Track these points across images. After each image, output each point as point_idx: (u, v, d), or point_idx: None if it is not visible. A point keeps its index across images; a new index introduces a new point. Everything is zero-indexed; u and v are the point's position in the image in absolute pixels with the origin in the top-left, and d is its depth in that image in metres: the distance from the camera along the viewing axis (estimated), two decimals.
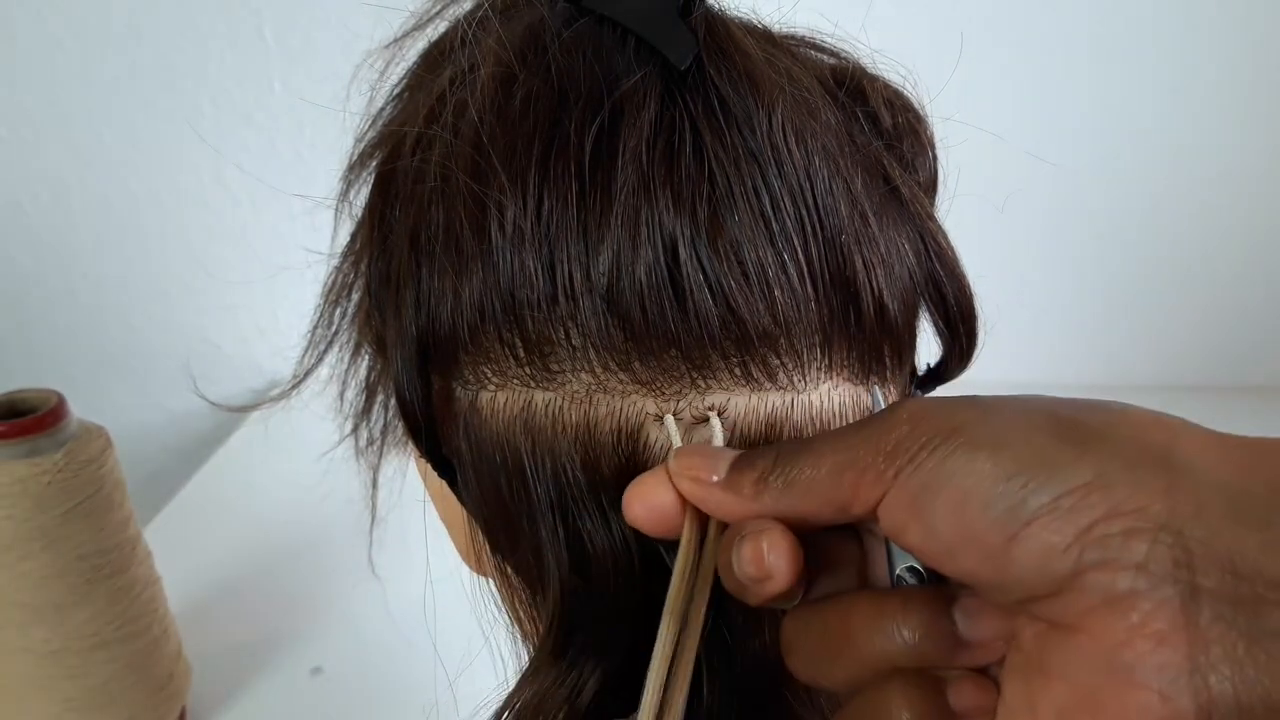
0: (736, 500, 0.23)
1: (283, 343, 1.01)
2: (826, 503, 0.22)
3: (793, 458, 0.22)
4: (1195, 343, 1.06)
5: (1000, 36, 0.89)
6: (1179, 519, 0.17)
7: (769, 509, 0.23)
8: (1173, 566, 0.17)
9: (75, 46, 0.87)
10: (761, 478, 0.23)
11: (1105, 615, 0.18)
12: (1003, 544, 0.19)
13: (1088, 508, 0.18)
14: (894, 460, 0.20)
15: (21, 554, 0.49)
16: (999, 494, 0.19)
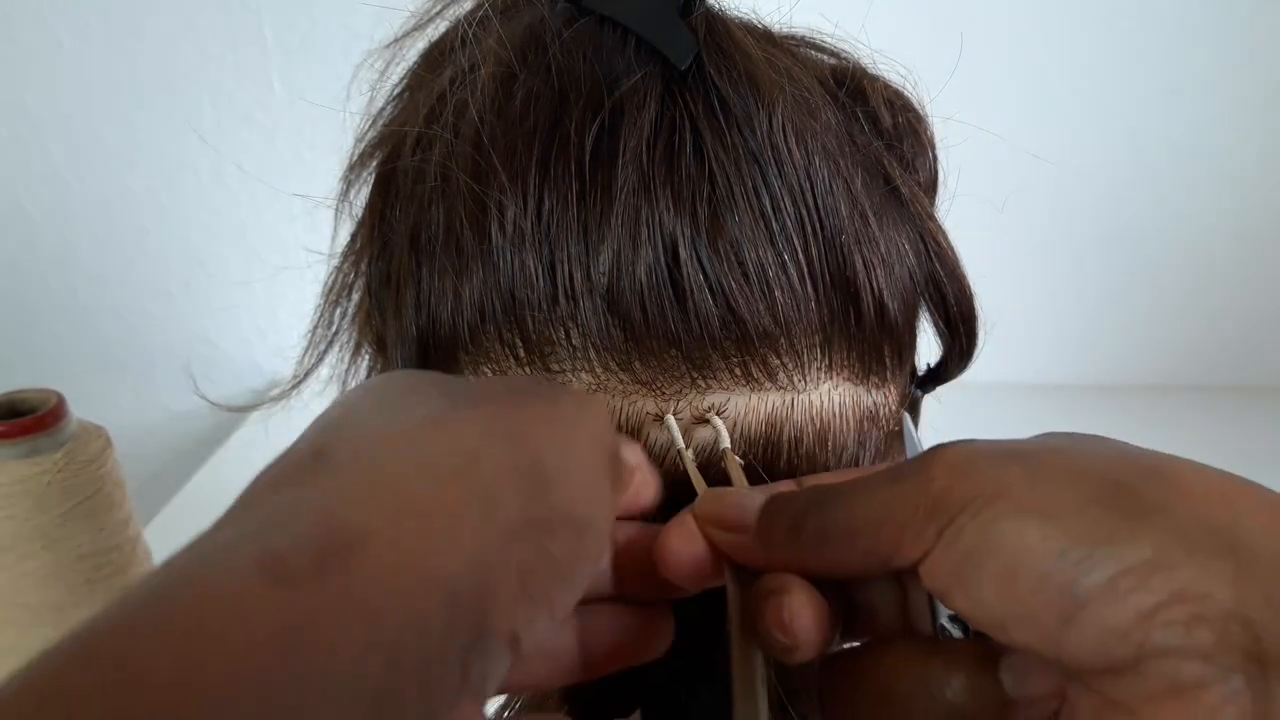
0: (771, 551, 0.22)
1: (283, 343, 1.01)
2: (865, 556, 0.20)
3: (825, 506, 0.21)
4: (1195, 343, 1.06)
5: (1000, 36, 0.89)
6: (1248, 607, 0.16)
7: (805, 562, 0.21)
8: (1243, 658, 0.16)
9: (75, 46, 0.87)
10: (794, 527, 0.21)
11: (1170, 704, 0.17)
12: (1057, 624, 0.17)
13: (1148, 590, 0.17)
14: (934, 519, 0.19)
15: (21, 554, 0.49)
16: (1051, 571, 0.17)
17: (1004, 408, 0.98)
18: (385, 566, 0.15)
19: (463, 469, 0.17)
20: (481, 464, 0.17)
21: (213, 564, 0.14)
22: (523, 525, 0.17)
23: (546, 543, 0.17)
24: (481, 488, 0.17)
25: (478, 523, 0.16)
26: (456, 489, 0.16)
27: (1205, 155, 0.96)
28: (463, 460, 0.17)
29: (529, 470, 0.18)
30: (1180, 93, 0.93)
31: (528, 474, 0.18)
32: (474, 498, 0.16)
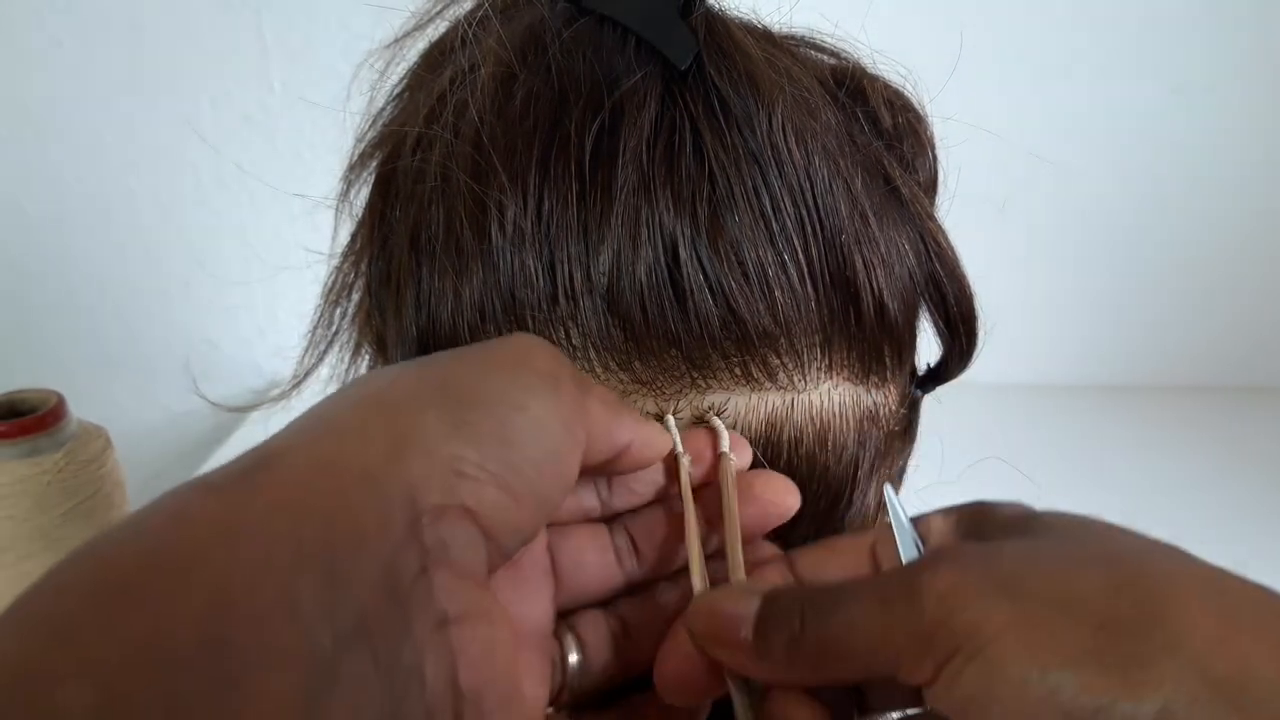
0: (771, 667, 0.21)
1: (283, 343, 1.01)
2: (866, 672, 0.20)
3: (823, 619, 0.21)
4: (1195, 343, 1.06)
5: (1000, 36, 0.89)
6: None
7: (806, 676, 0.21)
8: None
9: (75, 46, 0.87)
10: (793, 641, 0.21)
11: None
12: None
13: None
14: (929, 653, 0.18)
15: (21, 554, 0.49)
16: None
17: (1004, 408, 0.98)
18: (300, 467, 0.17)
19: (375, 395, 0.20)
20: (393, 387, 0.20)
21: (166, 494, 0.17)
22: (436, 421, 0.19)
23: (467, 430, 0.19)
24: (391, 403, 0.19)
25: (384, 428, 0.18)
26: (367, 408, 0.19)
27: (1206, 155, 0.96)
28: (376, 389, 0.20)
29: (443, 382, 0.20)
30: (1181, 92, 0.93)
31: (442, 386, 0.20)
32: (379, 414, 0.19)
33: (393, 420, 0.19)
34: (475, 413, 0.19)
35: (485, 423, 0.19)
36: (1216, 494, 0.86)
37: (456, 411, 0.19)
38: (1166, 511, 0.84)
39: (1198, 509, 0.84)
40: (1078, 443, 0.96)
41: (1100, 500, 0.92)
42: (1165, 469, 0.90)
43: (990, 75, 0.89)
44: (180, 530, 0.16)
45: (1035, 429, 0.99)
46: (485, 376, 0.20)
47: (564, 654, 0.24)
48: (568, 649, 0.25)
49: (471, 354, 0.22)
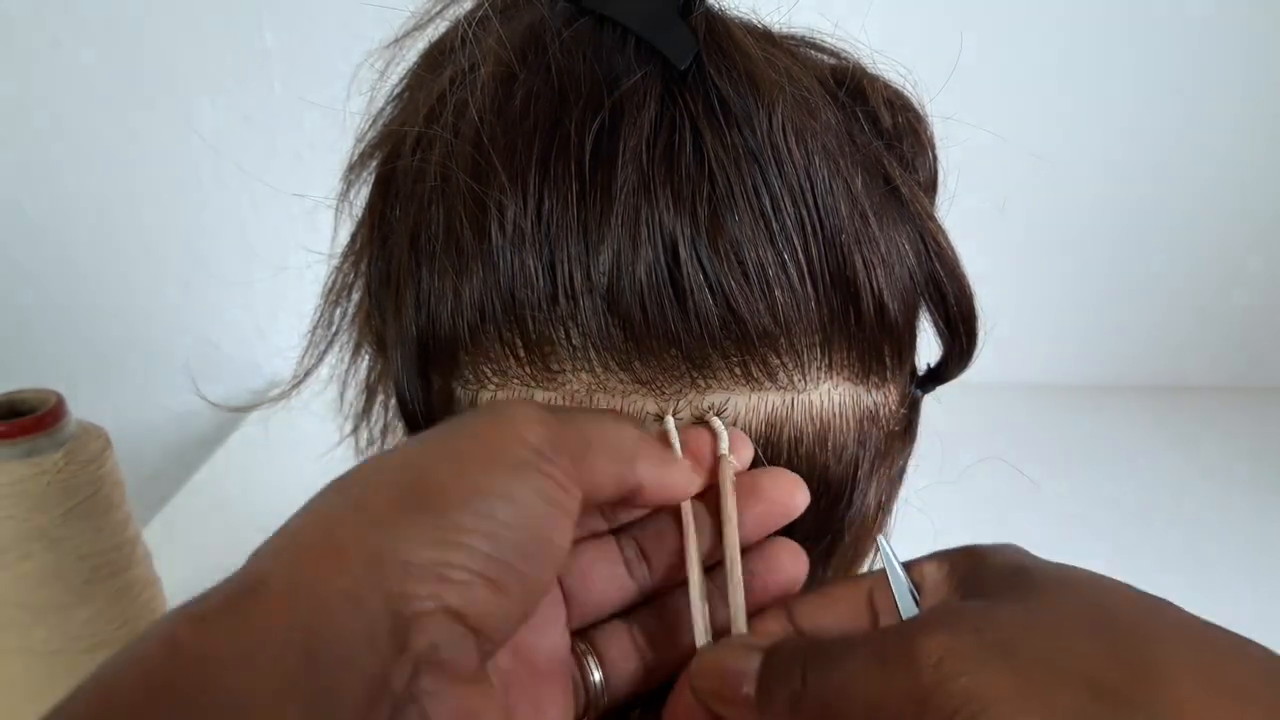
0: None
1: (283, 343, 1.01)
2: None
3: (823, 677, 0.21)
4: (1195, 343, 1.06)
5: (1000, 36, 0.89)
6: None
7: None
8: None
9: (75, 46, 0.87)
10: (795, 698, 0.21)
11: None
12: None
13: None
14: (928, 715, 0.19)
15: (21, 554, 0.49)
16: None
17: (1004, 408, 0.98)
18: (283, 594, 0.18)
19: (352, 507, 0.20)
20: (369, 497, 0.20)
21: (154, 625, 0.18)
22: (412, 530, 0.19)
23: (448, 534, 0.19)
24: (368, 517, 0.19)
25: (363, 545, 0.19)
26: (345, 525, 0.19)
27: (1205, 155, 0.96)
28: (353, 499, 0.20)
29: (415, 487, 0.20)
30: (1180, 92, 0.93)
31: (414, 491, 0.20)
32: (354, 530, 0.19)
33: (370, 536, 0.19)
34: (454, 514, 0.19)
35: (467, 522, 0.19)
36: (1216, 494, 0.86)
37: (436, 515, 0.19)
38: (1167, 511, 0.84)
39: (1198, 509, 0.84)
40: (1078, 443, 0.97)
41: (1100, 500, 0.92)
42: (1165, 469, 0.90)
43: (990, 75, 0.89)
44: (173, 664, 0.17)
45: (1035, 429, 0.99)
46: (464, 471, 0.20)
47: (585, 674, 0.25)
48: (589, 669, 0.25)
49: (448, 444, 0.21)
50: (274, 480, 0.87)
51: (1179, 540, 0.79)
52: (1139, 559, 0.77)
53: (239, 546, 0.18)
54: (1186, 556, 0.77)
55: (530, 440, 0.21)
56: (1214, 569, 0.75)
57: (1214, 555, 0.77)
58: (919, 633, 0.20)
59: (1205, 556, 0.77)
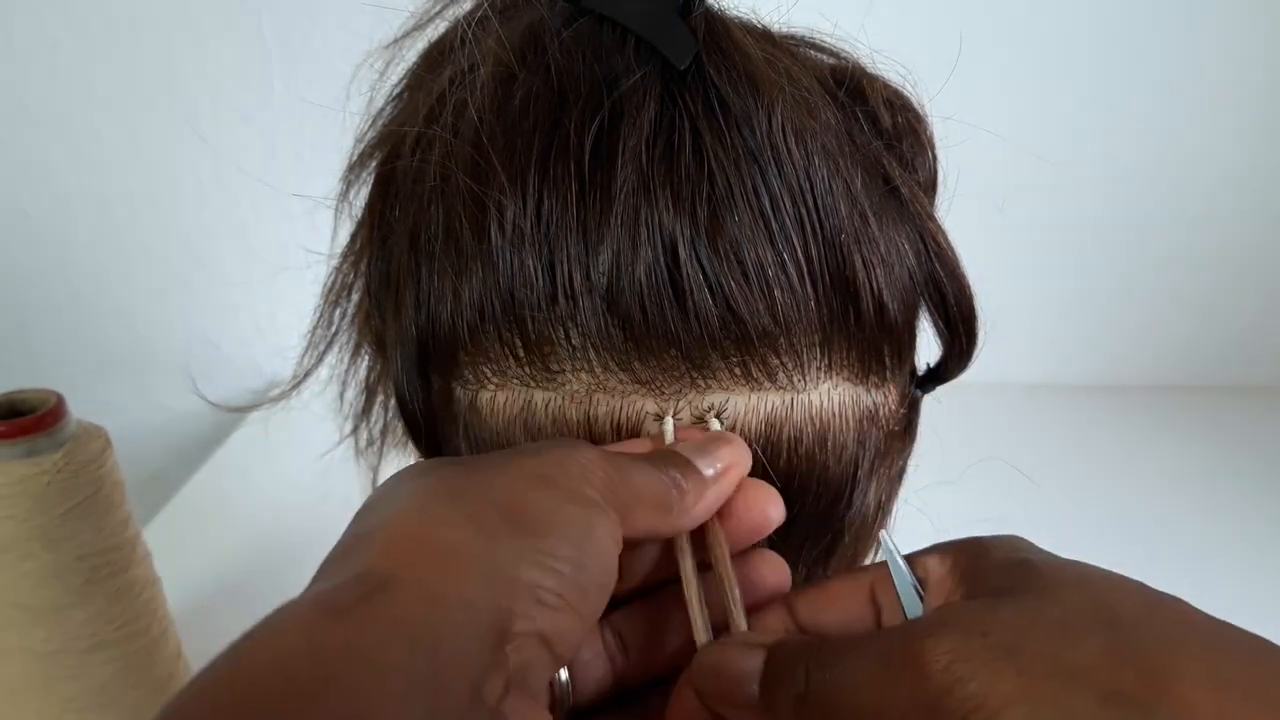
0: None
1: (282, 343, 1.01)
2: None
3: (828, 678, 0.21)
4: (1195, 343, 1.06)
5: (1000, 36, 0.89)
6: None
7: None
8: None
9: (75, 46, 0.87)
10: (800, 700, 0.21)
11: None
12: None
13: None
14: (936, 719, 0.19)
15: (21, 554, 0.49)
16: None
17: (1004, 408, 0.98)
18: (409, 595, 0.18)
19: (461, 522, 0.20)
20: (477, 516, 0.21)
21: (281, 612, 0.18)
22: (519, 550, 0.20)
23: (545, 559, 0.20)
24: (477, 530, 0.20)
25: (478, 555, 0.20)
26: (460, 539, 0.20)
27: (1205, 155, 0.96)
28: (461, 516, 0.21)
29: (516, 510, 0.21)
30: (1180, 92, 0.93)
31: (516, 513, 0.21)
32: (472, 540, 0.20)
33: (484, 547, 0.20)
34: (554, 543, 0.20)
35: (564, 552, 0.20)
36: (1216, 494, 0.86)
37: (538, 542, 0.20)
38: (1166, 511, 0.84)
39: (1198, 509, 0.84)
40: (1078, 443, 0.97)
41: (1100, 500, 0.92)
42: (1165, 469, 0.90)
43: (990, 75, 0.89)
44: (312, 656, 0.17)
45: (1035, 429, 0.99)
46: (553, 500, 0.21)
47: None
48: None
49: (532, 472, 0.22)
50: (274, 480, 0.87)
51: (1179, 540, 0.79)
52: (1139, 559, 0.77)
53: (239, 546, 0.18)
54: (1186, 556, 0.77)
55: (603, 481, 0.22)
56: (1214, 568, 0.75)
57: (1214, 555, 0.77)
58: (926, 635, 0.20)
59: (1205, 556, 0.77)
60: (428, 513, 0.21)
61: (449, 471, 0.23)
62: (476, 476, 0.22)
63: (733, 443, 0.25)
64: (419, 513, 0.21)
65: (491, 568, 0.19)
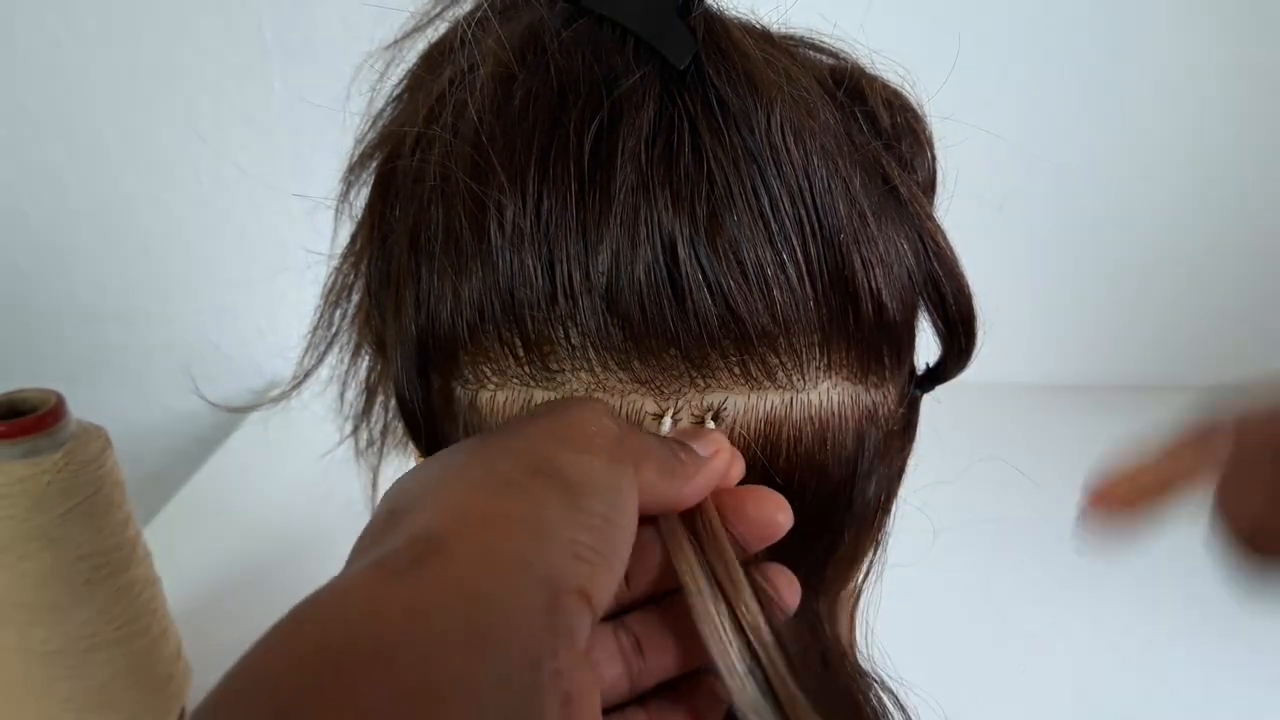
0: None
1: (283, 343, 1.01)
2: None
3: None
4: (1195, 343, 1.06)
5: (1000, 36, 0.89)
6: None
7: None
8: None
9: (75, 46, 0.87)
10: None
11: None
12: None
13: None
14: None
15: (21, 554, 0.49)
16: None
17: (1004, 408, 0.98)
18: (464, 555, 0.19)
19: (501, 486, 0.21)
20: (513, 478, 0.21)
21: (342, 577, 0.19)
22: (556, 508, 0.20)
23: (579, 515, 0.20)
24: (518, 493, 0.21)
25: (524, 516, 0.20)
26: (504, 500, 0.20)
27: (1205, 155, 0.96)
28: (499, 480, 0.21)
29: (547, 469, 0.21)
30: (1180, 92, 0.93)
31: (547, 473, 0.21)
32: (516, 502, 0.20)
33: (526, 508, 0.20)
34: (585, 499, 0.21)
35: (594, 507, 0.21)
36: None
37: (570, 496, 0.21)
38: None
39: (1197, 509, 0.84)
40: (1078, 443, 0.96)
41: None
42: None
43: (990, 75, 0.89)
44: (376, 615, 0.17)
45: (1035, 429, 0.99)
46: (580, 459, 0.22)
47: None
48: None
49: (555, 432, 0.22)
50: (274, 480, 0.87)
51: (1178, 540, 0.79)
52: (1139, 559, 0.77)
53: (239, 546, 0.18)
54: (1186, 556, 0.77)
55: (615, 437, 0.23)
56: (1214, 569, 0.74)
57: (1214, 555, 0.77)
58: None
59: (1205, 556, 0.77)
60: (466, 481, 0.21)
61: (475, 444, 0.23)
62: (504, 443, 0.22)
63: (715, 434, 0.26)
64: (459, 482, 0.21)
65: (536, 527, 0.20)
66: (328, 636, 0.17)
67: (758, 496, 0.26)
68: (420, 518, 0.20)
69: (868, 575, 0.33)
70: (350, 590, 0.18)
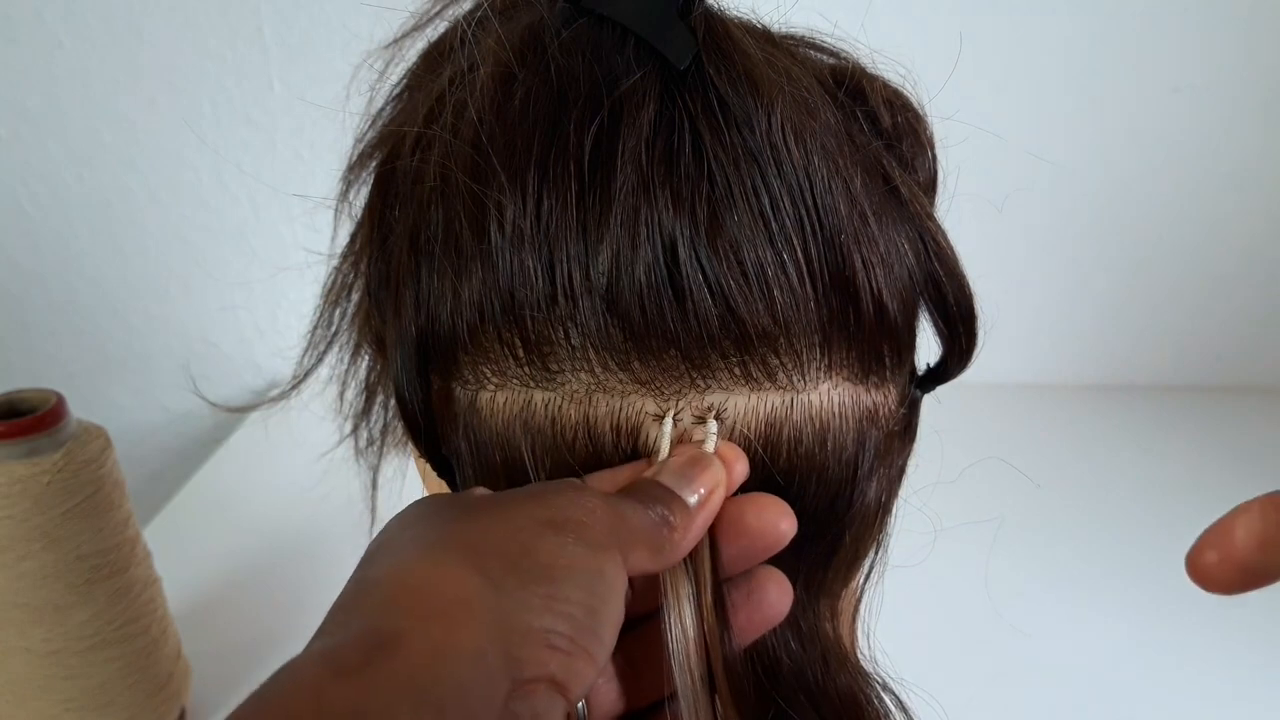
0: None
1: (282, 343, 1.01)
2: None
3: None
4: (1195, 343, 1.06)
5: (1000, 36, 0.89)
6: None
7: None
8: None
9: (75, 46, 0.87)
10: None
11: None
12: None
13: None
14: None
15: (21, 554, 0.49)
16: None
17: (1004, 408, 0.98)
18: (418, 650, 0.18)
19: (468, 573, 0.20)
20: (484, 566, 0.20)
21: (286, 671, 0.18)
22: (528, 597, 0.20)
23: (556, 605, 0.20)
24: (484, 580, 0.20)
25: (486, 605, 0.19)
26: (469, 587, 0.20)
27: (1205, 155, 0.96)
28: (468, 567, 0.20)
29: (523, 557, 0.21)
30: (1180, 92, 0.93)
31: (523, 561, 0.21)
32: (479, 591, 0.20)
33: (493, 598, 0.20)
34: (564, 588, 0.20)
35: (575, 596, 0.20)
36: (1216, 494, 0.86)
37: (547, 588, 0.20)
38: (1166, 511, 0.84)
39: (1197, 509, 0.84)
40: (1078, 443, 0.97)
41: (1100, 500, 0.92)
42: (1165, 469, 0.90)
43: (990, 75, 0.89)
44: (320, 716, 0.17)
45: (1035, 429, 0.99)
46: (562, 545, 0.21)
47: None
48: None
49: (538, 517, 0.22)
50: (274, 480, 0.87)
51: (1178, 540, 0.79)
52: (1139, 559, 0.77)
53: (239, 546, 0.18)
54: None
55: (602, 525, 0.22)
56: None
57: None
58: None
59: None
60: (432, 563, 0.21)
61: (451, 516, 0.22)
62: (481, 524, 0.22)
63: (711, 465, 0.25)
64: (423, 563, 0.21)
65: (500, 617, 0.19)
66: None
67: (758, 505, 0.25)
68: (377, 604, 0.20)
69: (869, 576, 0.33)
70: (297, 689, 0.18)
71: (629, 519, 0.23)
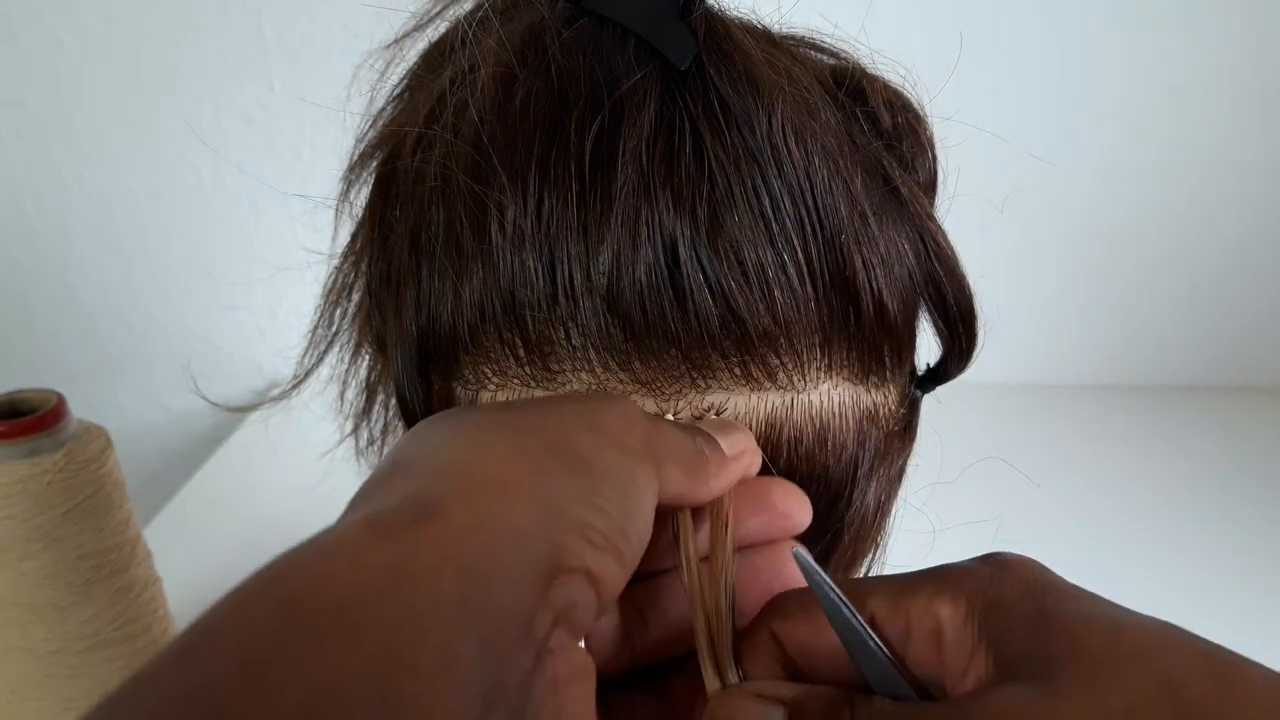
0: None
1: (283, 343, 1.01)
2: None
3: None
4: (1195, 343, 1.06)
5: (1000, 36, 0.89)
6: None
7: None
8: None
9: (75, 46, 0.87)
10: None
11: None
12: None
13: None
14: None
15: (21, 554, 0.49)
16: None
17: (1004, 408, 0.98)
18: (462, 521, 0.18)
19: (511, 455, 0.20)
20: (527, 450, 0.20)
21: (329, 532, 0.18)
22: (569, 486, 0.20)
23: (594, 499, 0.20)
24: (529, 465, 0.20)
25: (530, 488, 0.19)
26: (513, 469, 0.20)
27: (1205, 155, 0.96)
28: (511, 449, 0.20)
29: (565, 449, 0.21)
30: (1180, 92, 0.93)
31: (564, 452, 0.21)
32: (524, 473, 0.20)
33: (536, 482, 0.19)
34: (602, 485, 0.20)
35: (610, 495, 0.20)
36: (1216, 494, 0.86)
37: (586, 482, 0.20)
38: (1166, 511, 0.84)
39: (1197, 509, 0.84)
40: (1078, 443, 0.97)
41: (1100, 500, 0.92)
42: (1165, 469, 0.90)
43: (990, 75, 0.89)
44: (359, 573, 0.16)
45: (1035, 429, 0.99)
46: (601, 447, 0.21)
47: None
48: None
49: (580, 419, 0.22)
50: (274, 480, 0.87)
51: (1179, 541, 0.79)
52: (1139, 559, 0.77)
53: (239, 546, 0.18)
54: (1187, 557, 0.77)
55: (639, 434, 0.22)
56: (1215, 569, 0.75)
57: (1214, 555, 0.77)
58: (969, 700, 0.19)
59: (1205, 556, 0.77)
60: (476, 445, 0.20)
61: (493, 410, 0.22)
62: (523, 415, 0.22)
63: (743, 429, 0.25)
64: (468, 445, 0.20)
65: (543, 501, 0.19)
66: (305, 592, 0.16)
67: (785, 488, 0.26)
68: (422, 477, 0.19)
69: (867, 576, 0.33)
70: (336, 545, 0.17)
71: (668, 436, 0.23)
